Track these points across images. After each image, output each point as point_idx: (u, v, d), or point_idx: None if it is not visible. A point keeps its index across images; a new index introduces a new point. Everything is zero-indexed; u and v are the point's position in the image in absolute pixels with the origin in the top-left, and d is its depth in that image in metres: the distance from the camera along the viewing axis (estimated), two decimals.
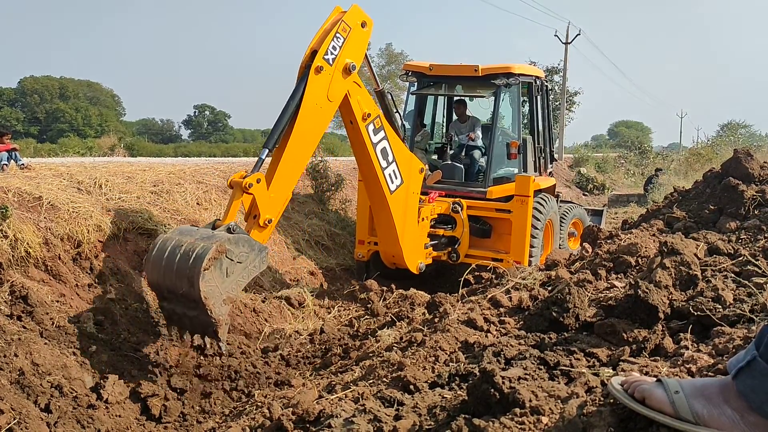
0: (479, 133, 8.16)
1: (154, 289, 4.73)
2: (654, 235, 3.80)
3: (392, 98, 6.49)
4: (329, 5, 5.57)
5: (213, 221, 4.78)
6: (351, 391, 2.90)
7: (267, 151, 4.97)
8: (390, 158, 6.08)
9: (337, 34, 5.25)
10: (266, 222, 4.88)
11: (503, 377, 1.82)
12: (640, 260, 3.25)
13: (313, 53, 5.18)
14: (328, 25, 5.36)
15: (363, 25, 5.51)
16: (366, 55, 5.69)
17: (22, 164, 7.04)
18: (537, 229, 7.29)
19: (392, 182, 6.15)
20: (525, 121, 8.56)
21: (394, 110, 6.44)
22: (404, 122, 8.41)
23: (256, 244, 4.60)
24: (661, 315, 2.33)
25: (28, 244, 4.84)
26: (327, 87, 5.25)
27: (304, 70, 5.18)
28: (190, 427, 4.36)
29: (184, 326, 4.61)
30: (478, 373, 1.91)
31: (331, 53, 5.22)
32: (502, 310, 3.39)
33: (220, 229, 4.51)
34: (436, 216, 7.21)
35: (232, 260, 4.37)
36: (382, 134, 5.95)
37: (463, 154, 8.14)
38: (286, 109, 5.06)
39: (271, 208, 4.93)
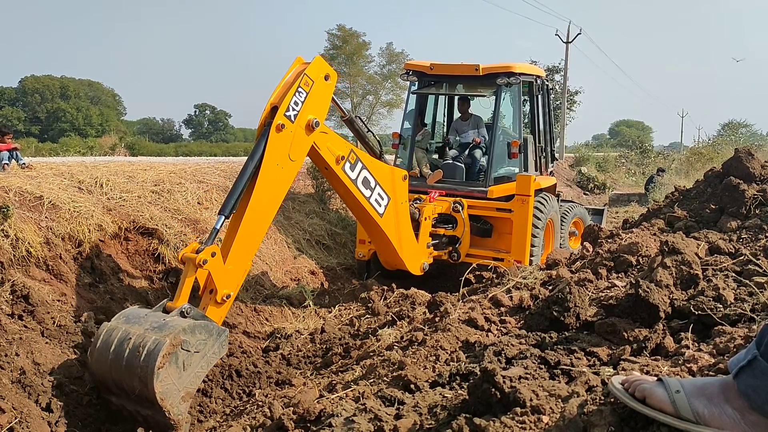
0: (485, 134, 8.16)
1: (99, 384, 4.07)
2: (655, 234, 3.80)
3: (362, 121, 6.34)
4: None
5: (163, 303, 4.20)
6: (352, 390, 2.90)
7: (223, 218, 4.48)
8: (372, 184, 5.90)
9: (299, 89, 4.91)
10: (224, 298, 4.39)
11: (504, 376, 1.82)
12: (640, 259, 3.25)
13: (274, 109, 4.83)
14: (290, 77, 5.07)
15: (326, 78, 5.20)
16: (333, 98, 5.44)
17: (24, 164, 7.04)
18: (538, 228, 7.28)
19: (380, 206, 6.01)
20: (526, 120, 8.56)
21: (366, 130, 6.30)
22: (405, 121, 8.42)
23: (214, 327, 4.08)
24: (662, 314, 2.33)
25: (29, 243, 4.84)
26: (289, 146, 4.89)
27: (264, 128, 4.82)
28: (191, 426, 4.36)
29: (138, 422, 3.97)
30: (478, 373, 1.91)
31: (293, 109, 4.87)
32: (502, 309, 3.39)
33: (173, 314, 4.00)
34: (436, 215, 7.21)
35: (189, 351, 3.85)
36: (359, 166, 5.74)
37: (464, 153, 8.14)
38: (244, 171, 4.66)
39: (229, 282, 4.43)
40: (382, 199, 6.05)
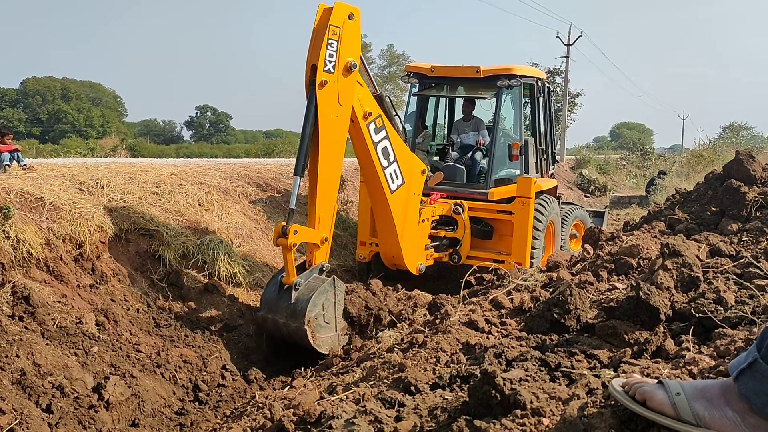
0: (486, 135, 8.16)
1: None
2: (655, 236, 3.80)
3: (391, 102, 6.42)
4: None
5: (279, 279, 5.24)
6: (352, 392, 2.90)
7: (299, 179, 5.10)
8: (391, 158, 6.05)
9: (330, 41, 5.15)
10: (323, 241, 5.37)
11: (504, 379, 1.82)
12: (641, 262, 3.25)
13: (313, 67, 5.14)
14: (320, 25, 5.23)
15: (351, 17, 5.36)
16: (362, 59, 5.60)
17: (25, 165, 7.05)
18: (538, 230, 7.28)
19: (393, 182, 6.12)
20: (527, 122, 8.55)
21: (394, 113, 6.38)
22: (406, 123, 8.42)
23: (325, 281, 5.13)
24: (663, 317, 2.33)
25: (30, 244, 4.84)
26: (336, 95, 5.26)
27: (310, 88, 5.16)
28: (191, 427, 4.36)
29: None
30: (479, 375, 1.91)
31: (329, 62, 5.16)
32: (503, 311, 3.39)
33: (294, 296, 5.05)
34: (437, 217, 7.20)
35: (323, 313, 4.97)
36: (383, 134, 5.92)
37: (466, 155, 8.13)
38: (303, 132, 5.13)
39: (320, 232, 5.33)
40: (397, 177, 6.20)
